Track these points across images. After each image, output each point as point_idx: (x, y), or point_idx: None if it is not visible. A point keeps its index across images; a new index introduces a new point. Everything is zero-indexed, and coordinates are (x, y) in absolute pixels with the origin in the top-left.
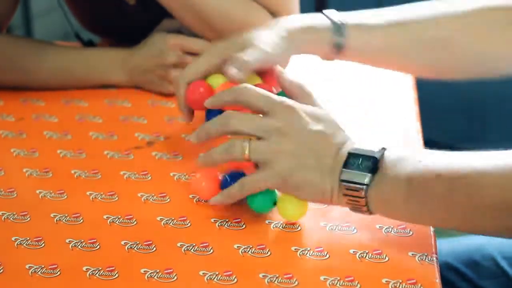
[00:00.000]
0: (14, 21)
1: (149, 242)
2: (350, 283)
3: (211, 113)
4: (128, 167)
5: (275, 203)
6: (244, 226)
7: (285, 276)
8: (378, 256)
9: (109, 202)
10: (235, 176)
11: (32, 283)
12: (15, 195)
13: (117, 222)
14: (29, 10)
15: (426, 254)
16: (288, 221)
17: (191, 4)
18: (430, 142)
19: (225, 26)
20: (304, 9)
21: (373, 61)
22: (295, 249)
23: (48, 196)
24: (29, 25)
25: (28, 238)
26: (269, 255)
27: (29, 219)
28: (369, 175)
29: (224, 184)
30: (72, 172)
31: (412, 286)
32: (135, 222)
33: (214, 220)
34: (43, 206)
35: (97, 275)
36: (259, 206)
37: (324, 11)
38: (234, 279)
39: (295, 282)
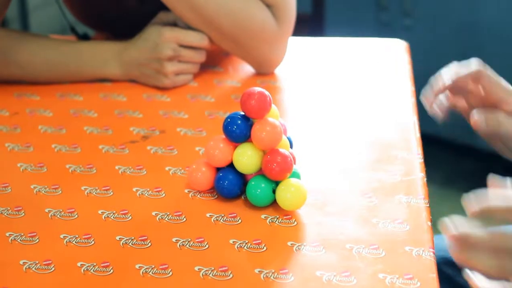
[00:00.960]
0: (11, 14)
1: (144, 238)
2: (346, 278)
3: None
4: (123, 162)
5: (274, 191)
6: (239, 221)
7: (281, 271)
8: (375, 251)
9: (104, 197)
10: (229, 171)
11: (26, 279)
12: (9, 190)
13: (112, 217)
14: (26, 3)
15: (422, 249)
16: (286, 210)
17: None
18: (428, 136)
19: (222, 20)
20: (300, 2)
21: None
22: (291, 244)
23: (43, 191)
24: (25, 19)
25: (22, 234)
26: (265, 250)
27: (23, 214)
28: None
29: (218, 178)
30: (67, 166)
31: (409, 281)
32: (130, 217)
33: (210, 215)
34: (37, 201)
35: (91, 270)
36: (260, 198)
37: None
38: (229, 275)
39: (291, 277)
